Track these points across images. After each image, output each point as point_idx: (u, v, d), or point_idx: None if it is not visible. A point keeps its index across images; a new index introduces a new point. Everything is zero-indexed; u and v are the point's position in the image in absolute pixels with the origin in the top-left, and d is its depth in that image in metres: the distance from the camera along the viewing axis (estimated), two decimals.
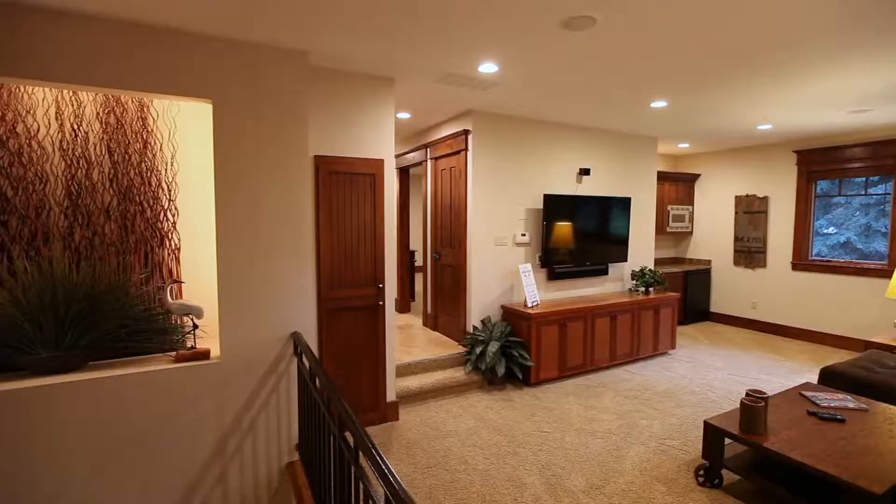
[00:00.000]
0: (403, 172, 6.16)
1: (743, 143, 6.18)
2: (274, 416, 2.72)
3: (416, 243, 9.88)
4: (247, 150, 2.59)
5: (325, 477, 2.03)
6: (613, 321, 4.70)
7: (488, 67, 3.10)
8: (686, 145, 6.33)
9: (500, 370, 4.01)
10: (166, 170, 2.82)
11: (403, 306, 6.22)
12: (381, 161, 3.33)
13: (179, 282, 2.79)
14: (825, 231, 5.85)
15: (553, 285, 4.97)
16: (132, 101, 2.73)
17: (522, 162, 4.69)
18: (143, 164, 2.74)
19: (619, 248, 5.27)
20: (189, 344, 2.63)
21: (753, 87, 3.56)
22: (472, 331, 4.44)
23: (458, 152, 4.57)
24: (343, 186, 3.22)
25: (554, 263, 4.79)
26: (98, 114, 2.65)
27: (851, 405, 2.81)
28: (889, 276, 5.06)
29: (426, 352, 4.33)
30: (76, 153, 2.58)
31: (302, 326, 2.78)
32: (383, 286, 3.39)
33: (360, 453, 1.47)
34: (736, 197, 6.53)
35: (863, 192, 5.49)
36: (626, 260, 5.36)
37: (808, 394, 2.99)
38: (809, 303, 5.79)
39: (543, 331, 4.24)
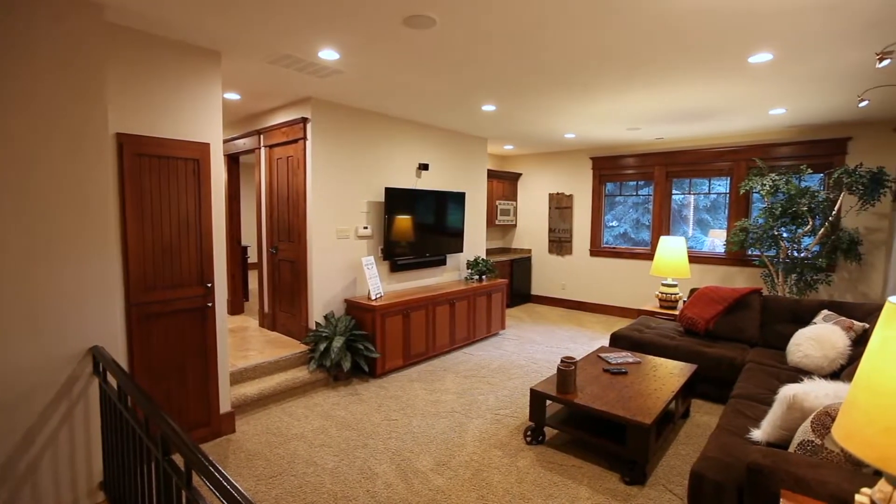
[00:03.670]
0: (233, 160, 5.55)
1: (554, 149, 7.23)
2: (65, 454, 2.21)
3: (249, 238, 9.03)
4: (6, 118, 2.01)
5: None
6: (452, 308, 5.04)
7: (329, 54, 2.99)
8: (511, 147, 7.12)
9: (346, 365, 3.95)
10: None
11: (236, 307, 5.64)
12: (207, 145, 2.94)
13: None
14: (611, 224, 7.26)
15: (395, 277, 5.09)
16: None
17: (364, 154, 4.66)
18: None
19: (455, 239, 5.66)
20: None
21: (562, 102, 4.18)
22: (314, 328, 4.27)
23: (295, 141, 4.31)
24: (159, 172, 2.75)
25: (396, 255, 4.90)
26: None
27: (631, 360, 3.56)
28: (652, 259, 6.53)
29: (264, 354, 4.01)
30: None
31: (105, 338, 2.30)
32: (212, 285, 3.02)
33: (194, 474, 1.30)
34: (549, 194, 7.60)
35: (634, 193, 6.95)
36: (461, 251, 5.79)
37: (603, 355, 3.68)
38: (602, 282, 7.11)
39: (388, 322, 4.32)
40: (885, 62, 2.68)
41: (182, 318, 2.91)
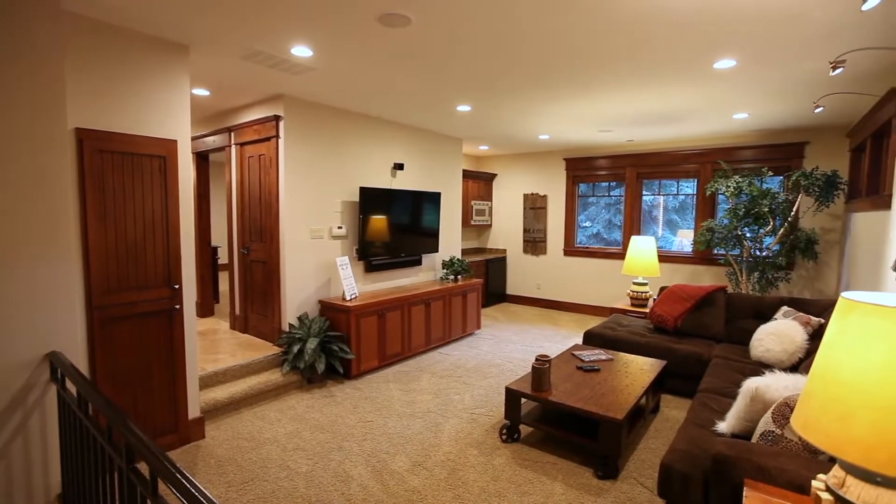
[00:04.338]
0: (202, 158, 5.39)
1: (529, 150, 7.32)
2: (20, 466, 2.10)
3: (219, 238, 8.79)
4: None
5: None
6: (428, 308, 5.03)
7: (302, 51, 2.94)
8: (486, 147, 7.16)
9: (321, 366, 3.90)
10: None
11: (206, 309, 5.48)
12: (174, 142, 2.85)
13: None
14: (584, 224, 7.39)
15: (371, 277, 5.05)
16: None
17: (339, 153, 4.61)
18: None
19: (430, 239, 5.66)
20: None
21: (537, 103, 4.23)
22: (288, 329, 4.19)
23: (267, 139, 4.22)
24: (122, 169, 2.65)
25: (371, 256, 4.86)
26: None
27: (604, 357, 3.64)
28: (623, 258, 6.68)
29: (235, 357, 3.91)
30: None
31: (64, 343, 2.20)
32: (180, 287, 2.92)
33: (160, 482, 1.25)
34: (524, 195, 7.69)
35: (607, 194, 7.10)
36: (437, 251, 5.79)
37: (577, 353, 3.74)
38: (576, 281, 7.24)
39: (363, 322, 4.28)
40: (839, 70, 2.82)
41: (148, 321, 2.80)
